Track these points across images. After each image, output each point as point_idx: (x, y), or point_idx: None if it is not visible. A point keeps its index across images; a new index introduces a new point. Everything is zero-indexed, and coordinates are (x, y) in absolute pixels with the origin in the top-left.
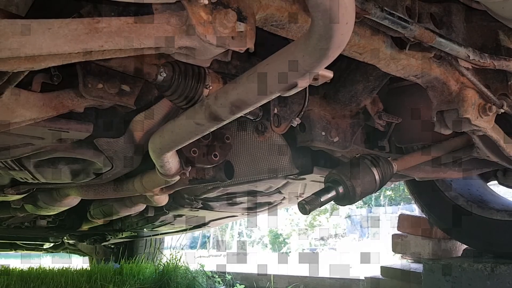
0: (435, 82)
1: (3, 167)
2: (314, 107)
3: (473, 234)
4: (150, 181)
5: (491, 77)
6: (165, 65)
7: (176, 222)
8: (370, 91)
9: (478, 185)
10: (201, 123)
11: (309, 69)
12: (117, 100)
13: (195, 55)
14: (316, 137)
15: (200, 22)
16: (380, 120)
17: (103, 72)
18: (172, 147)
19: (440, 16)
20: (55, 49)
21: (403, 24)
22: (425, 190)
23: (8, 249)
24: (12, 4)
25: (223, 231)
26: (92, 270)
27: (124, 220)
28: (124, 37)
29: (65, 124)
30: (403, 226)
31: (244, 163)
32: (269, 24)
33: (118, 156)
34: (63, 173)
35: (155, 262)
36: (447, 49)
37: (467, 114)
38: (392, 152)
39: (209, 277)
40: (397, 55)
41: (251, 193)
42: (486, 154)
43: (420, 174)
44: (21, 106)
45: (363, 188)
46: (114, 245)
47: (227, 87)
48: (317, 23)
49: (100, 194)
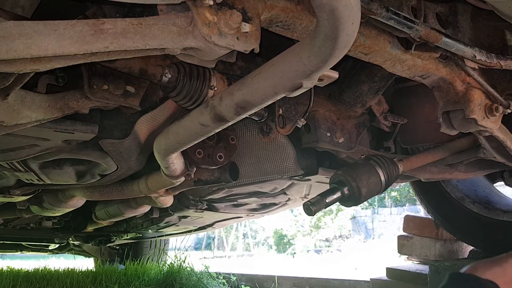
0: (441, 82)
1: (9, 168)
2: (319, 108)
3: (479, 235)
4: (155, 182)
5: (498, 77)
6: (170, 66)
7: (181, 223)
8: (376, 92)
9: (485, 186)
10: (206, 124)
11: (314, 69)
12: (122, 101)
13: (200, 56)
14: (321, 138)
15: (205, 23)
16: (385, 121)
17: (108, 73)
18: (177, 148)
19: (446, 16)
20: (60, 51)
21: (409, 24)
22: (430, 191)
23: (13, 250)
24: (18, 6)
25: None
26: (97, 271)
27: (129, 221)
28: (129, 38)
29: (70, 125)
30: (408, 227)
31: (249, 164)
32: (274, 24)
33: (123, 157)
34: (68, 174)
35: (160, 263)
36: (453, 49)
37: (473, 115)
38: (397, 153)
39: (214, 278)
40: (403, 55)
41: (256, 194)
42: (492, 155)
43: (426, 175)
44: (26, 108)
45: (368, 189)
46: (119, 246)
47: (232, 88)
48: (323, 23)
49: (105, 195)
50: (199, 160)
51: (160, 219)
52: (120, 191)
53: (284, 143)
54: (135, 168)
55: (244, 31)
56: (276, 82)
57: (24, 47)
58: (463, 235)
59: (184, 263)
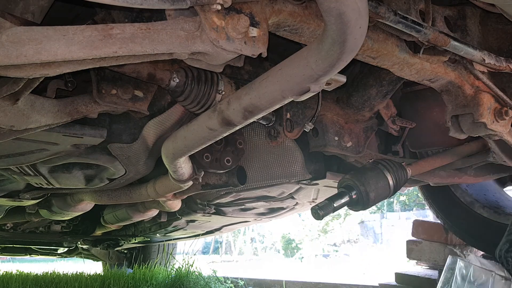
0: (449, 86)
1: (18, 172)
2: (327, 112)
3: (489, 240)
4: (163, 186)
5: (507, 81)
6: (178, 70)
7: (188, 227)
8: (384, 96)
9: (494, 190)
10: (214, 128)
11: (322, 73)
12: (130, 105)
13: (208, 61)
14: (329, 142)
15: (213, 28)
16: (393, 125)
17: (116, 78)
18: (185, 153)
19: (455, 19)
20: (69, 56)
21: (417, 28)
22: (440, 196)
23: (23, 253)
24: (28, 12)
25: (236, 236)
26: (105, 275)
27: (137, 225)
28: (138, 43)
29: (79, 129)
30: (417, 232)
31: (257, 168)
32: (281, 29)
33: (131, 161)
34: (77, 178)
35: (168, 267)
36: (462, 53)
37: (482, 119)
38: (406, 157)
39: (222, 282)
40: (411, 59)
41: (263, 199)
42: (502, 159)
43: (435, 179)
44: (36, 112)
45: (376, 194)
46: (127, 250)
47: (240, 92)
48: (330, 27)
49: (113, 199)
50: (207, 164)
51: (168, 223)
52: (128, 195)
53: (291, 147)
54: (143, 172)
55: (252, 35)
56: (284, 86)
57: (34, 52)
58: (473, 240)
59: (192, 267)
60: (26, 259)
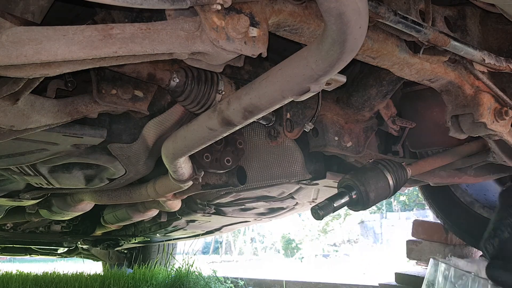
0: (449, 86)
1: (18, 172)
2: (327, 112)
3: None
4: (163, 186)
5: (507, 81)
6: (178, 70)
7: (188, 227)
8: (384, 96)
9: (494, 190)
10: (214, 128)
11: (322, 73)
12: (130, 105)
13: (208, 61)
14: (329, 142)
15: (213, 28)
16: (393, 125)
17: (116, 78)
18: (185, 153)
19: (455, 19)
20: (69, 56)
21: (417, 28)
22: (440, 196)
23: (23, 253)
24: (28, 12)
25: (236, 236)
26: (105, 275)
27: (137, 225)
28: (138, 43)
29: (79, 129)
30: (417, 232)
31: (257, 168)
32: (281, 29)
33: (131, 161)
34: (77, 178)
35: (168, 267)
36: (462, 53)
37: (482, 119)
38: (406, 157)
39: (222, 282)
40: (411, 59)
41: (263, 199)
42: (502, 159)
43: (435, 179)
44: (36, 112)
45: (376, 194)
46: (127, 250)
47: (240, 92)
48: (330, 27)
49: (113, 199)
50: (207, 164)
51: (168, 223)
52: (128, 195)
53: (291, 147)
54: (143, 172)
55: (252, 35)
56: (284, 86)
57: (34, 52)
58: (473, 240)
59: (192, 267)
60: (26, 259)
